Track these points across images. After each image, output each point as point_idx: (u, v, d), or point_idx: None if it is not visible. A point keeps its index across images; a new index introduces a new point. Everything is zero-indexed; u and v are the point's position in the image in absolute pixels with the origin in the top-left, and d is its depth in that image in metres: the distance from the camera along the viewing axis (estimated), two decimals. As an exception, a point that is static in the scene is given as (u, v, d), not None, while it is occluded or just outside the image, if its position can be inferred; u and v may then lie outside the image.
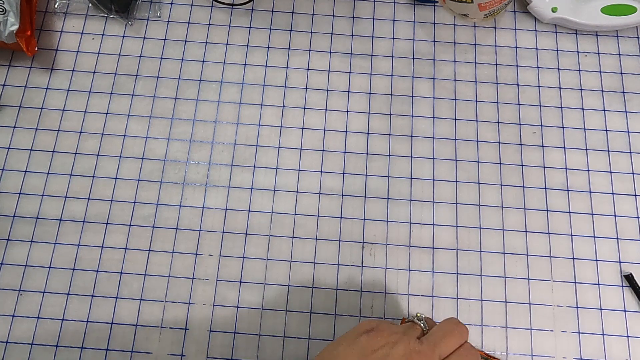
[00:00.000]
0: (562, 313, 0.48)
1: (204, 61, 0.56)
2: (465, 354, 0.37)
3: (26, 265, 0.49)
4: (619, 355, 0.47)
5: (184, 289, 0.48)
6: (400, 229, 0.51)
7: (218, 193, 0.51)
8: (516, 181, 0.52)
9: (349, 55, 0.56)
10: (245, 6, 0.58)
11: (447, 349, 0.36)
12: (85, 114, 0.53)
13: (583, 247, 0.50)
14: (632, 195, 0.52)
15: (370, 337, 0.35)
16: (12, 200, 0.50)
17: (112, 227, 0.50)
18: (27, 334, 0.47)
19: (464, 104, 0.55)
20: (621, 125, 0.54)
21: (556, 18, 0.56)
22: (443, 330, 0.37)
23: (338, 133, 0.54)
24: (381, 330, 0.36)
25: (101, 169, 0.52)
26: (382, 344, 0.34)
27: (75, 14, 0.57)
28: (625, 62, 0.56)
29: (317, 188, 0.52)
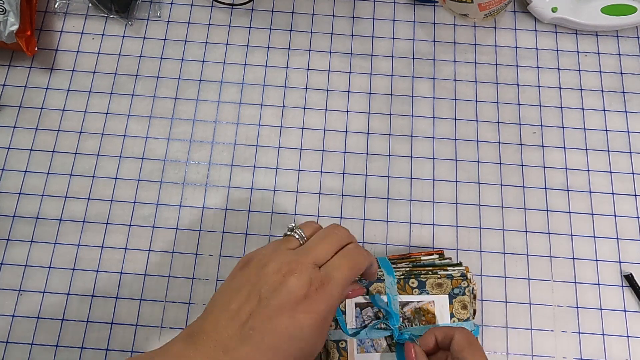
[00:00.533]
0: (562, 313, 0.48)
1: (204, 61, 0.56)
2: (346, 254, 0.34)
3: (26, 265, 0.49)
4: (619, 355, 0.47)
5: (184, 289, 0.48)
6: (400, 229, 0.51)
7: (218, 193, 0.51)
8: (516, 181, 0.52)
9: (349, 55, 0.56)
10: (245, 6, 0.58)
11: (324, 254, 0.33)
12: (85, 114, 0.53)
13: (583, 247, 0.50)
14: (632, 195, 0.52)
15: (243, 270, 0.34)
16: (12, 200, 0.50)
17: (112, 227, 0.50)
18: (27, 334, 0.47)
19: (464, 104, 0.55)
20: (621, 125, 0.54)
21: (556, 18, 0.56)
22: (319, 236, 0.35)
23: (338, 133, 0.54)
24: (252, 258, 0.34)
25: (101, 169, 0.52)
26: (253, 271, 0.33)
27: (75, 14, 0.57)
28: (625, 62, 0.56)
29: (317, 188, 0.52)
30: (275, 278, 0.32)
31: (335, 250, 0.34)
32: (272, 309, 0.31)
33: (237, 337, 0.30)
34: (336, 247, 0.34)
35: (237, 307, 0.31)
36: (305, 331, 0.31)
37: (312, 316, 0.31)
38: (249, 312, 0.31)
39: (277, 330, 0.30)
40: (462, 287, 0.44)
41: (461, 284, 0.44)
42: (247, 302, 0.31)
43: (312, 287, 0.32)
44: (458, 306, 0.44)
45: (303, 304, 0.31)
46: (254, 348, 0.30)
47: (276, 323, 0.30)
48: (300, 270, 0.32)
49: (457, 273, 0.45)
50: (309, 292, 0.31)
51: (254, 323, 0.30)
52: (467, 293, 0.44)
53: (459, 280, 0.44)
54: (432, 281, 0.44)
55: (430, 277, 0.44)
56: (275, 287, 0.31)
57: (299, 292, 0.31)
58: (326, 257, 0.34)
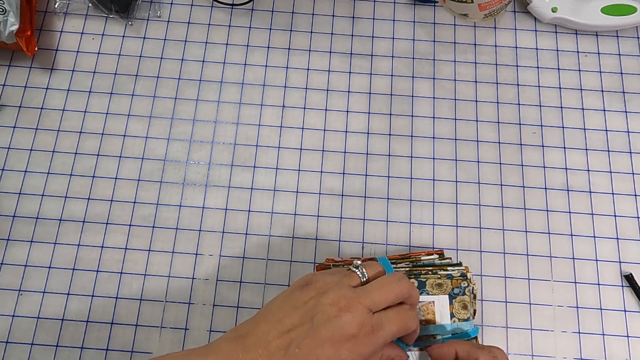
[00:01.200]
0: (562, 313, 0.48)
1: (204, 61, 0.56)
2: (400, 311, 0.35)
3: (26, 265, 0.49)
4: (619, 355, 0.47)
5: (184, 289, 0.48)
6: (400, 229, 0.51)
7: (218, 193, 0.51)
8: (516, 181, 0.52)
9: (349, 55, 0.56)
10: (245, 6, 0.58)
11: (380, 301, 0.35)
12: (85, 114, 0.53)
13: (583, 247, 0.50)
14: (632, 195, 0.52)
15: (302, 290, 0.35)
16: (12, 200, 0.50)
17: (112, 227, 0.50)
18: (27, 334, 0.47)
19: (464, 104, 0.55)
20: (621, 125, 0.54)
21: (556, 18, 0.56)
22: (381, 282, 0.36)
23: (338, 133, 0.54)
24: (314, 282, 0.36)
25: (101, 169, 0.52)
26: (312, 294, 0.35)
27: (75, 14, 0.57)
28: (625, 62, 0.56)
29: (317, 188, 0.52)
30: (331, 310, 0.33)
31: (392, 300, 0.35)
32: (321, 338, 0.32)
33: (283, 351, 0.32)
34: (394, 297, 0.36)
35: (289, 325, 0.33)
36: None
37: (354, 357, 0.33)
38: (299, 333, 0.33)
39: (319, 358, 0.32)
40: (462, 287, 0.44)
41: (461, 283, 0.44)
42: (300, 323, 0.33)
43: (363, 329, 0.33)
44: (458, 306, 0.44)
45: (350, 342, 0.33)
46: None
47: (320, 352, 0.32)
48: (355, 310, 0.33)
49: (457, 273, 0.45)
50: (358, 333, 0.33)
51: (301, 344, 0.32)
52: (467, 293, 0.44)
53: (459, 280, 0.44)
54: (432, 281, 0.44)
55: (430, 277, 0.44)
56: (329, 318, 0.33)
57: (349, 330, 0.33)
58: (383, 304, 0.35)
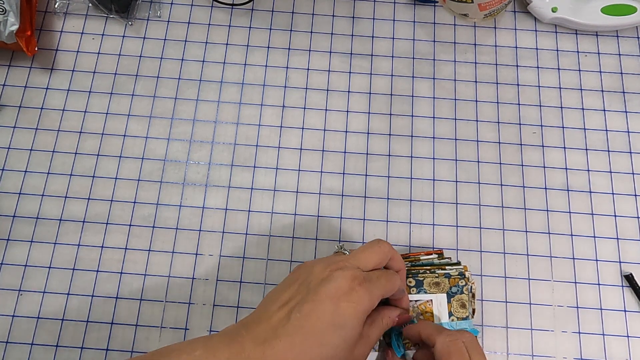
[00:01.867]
0: (562, 313, 0.48)
1: (204, 61, 0.56)
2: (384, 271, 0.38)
3: (26, 265, 0.49)
4: (619, 355, 0.47)
5: (184, 289, 0.48)
6: (400, 229, 0.51)
7: (218, 193, 0.51)
8: (516, 181, 0.52)
9: (349, 55, 0.56)
10: (245, 6, 0.58)
11: (366, 261, 0.37)
12: (85, 114, 0.53)
13: (583, 247, 0.50)
14: (632, 195, 0.52)
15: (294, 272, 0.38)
16: (12, 200, 0.50)
17: (112, 227, 0.50)
18: (27, 334, 0.47)
19: (464, 104, 0.55)
20: (621, 125, 0.54)
21: (556, 18, 0.56)
22: (363, 247, 0.39)
23: (338, 133, 0.54)
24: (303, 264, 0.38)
25: (101, 169, 0.52)
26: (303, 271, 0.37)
27: (75, 14, 0.57)
28: (625, 62, 0.56)
29: (317, 188, 0.52)
30: (323, 273, 0.36)
31: (377, 261, 0.38)
32: (319, 297, 0.34)
33: (285, 319, 0.34)
34: (378, 257, 0.38)
35: (287, 297, 0.35)
36: (347, 320, 0.34)
37: (353, 305, 0.34)
38: (297, 300, 0.35)
39: (322, 317, 0.34)
40: (460, 286, 0.44)
41: (459, 282, 0.44)
42: (297, 293, 0.35)
43: (356, 281, 0.35)
44: (457, 305, 0.44)
45: (347, 294, 0.34)
46: (299, 329, 0.33)
47: (321, 310, 0.34)
48: (345, 267, 0.36)
49: (455, 272, 0.45)
50: (353, 285, 0.35)
51: (302, 308, 0.34)
52: (465, 291, 0.44)
53: (457, 279, 0.44)
54: (429, 280, 0.44)
55: (428, 276, 0.44)
56: (323, 280, 0.35)
57: (343, 284, 0.35)
58: (368, 263, 0.37)
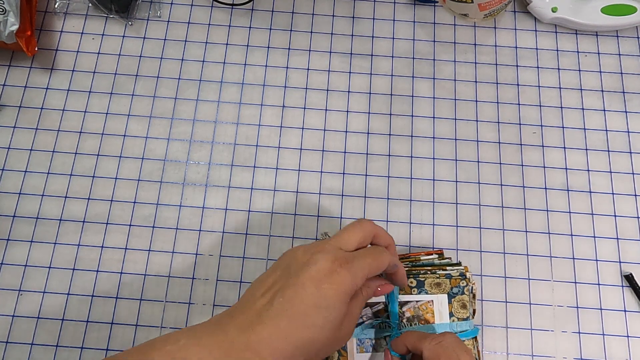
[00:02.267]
0: (562, 313, 0.48)
1: (204, 61, 0.56)
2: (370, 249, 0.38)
3: (26, 265, 0.49)
4: (619, 355, 0.47)
5: (184, 289, 0.48)
6: (400, 229, 0.51)
7: (218, 193, 0.51)
8: (516, 181, 0.52)
9: (349, 55, 0.56)
10: (245, 6, 0.58)
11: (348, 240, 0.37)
12: (85, 114, 0.53)
13: (583, 247, 0.50)
14: (632, 195, 0.52)
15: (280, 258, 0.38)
16: (12, 200, 0.50)
17: (112, 227, 0.50)
18: (27, 334, 0.47)
19: (464, 104, 0.55)
20: (621, 125, 0.54)
21: (556, 18, 0.56)
22: (345, 227, 0.39)
23: (338, 133, 0.54)
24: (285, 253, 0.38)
25: (101, 169, 0.52)
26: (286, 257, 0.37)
27: (75, 14, 0.57)
28: (625, 62, 0.56)
29: (317, 188, 0.52)
30: (305, 257, 0.36)
31: (359, 239, 0.38)
32: (301, 281, 0.34)
33: (269, 305, 0.34)
34: (360, 235, 0.38)
35: (270, 283, 0.35)
36: (330, 301, 0.34)
37: (335, 287, 0.34)
38: (280, 285, 0.35)
39: (305, 299, 0.34)
40: (461, 287, 0.44)
41: (460, 283, 0.44)
42: (280, 278, 0.35)
43: (337, 263, 0.35)
44: (457, 305, 0.44)
45: (329, 276, 0.34)
46: (283, 312, 0.33)
47: (303, 293, 0.34)
48: (326, 249, 0.36)
49: (456, 272, 0.45)
50: (334, 267, 0.35)
51: (284, 293, 0.34)
52: (466, 292, 0.44)
53: (458, 279, 0.44)
54: (430, 281, 0.44)
55: (429, 277, 0.44)
56: (305, 263, 0.35)
57: (324, 266, 0.35)
58: (350, 243, 0.37)
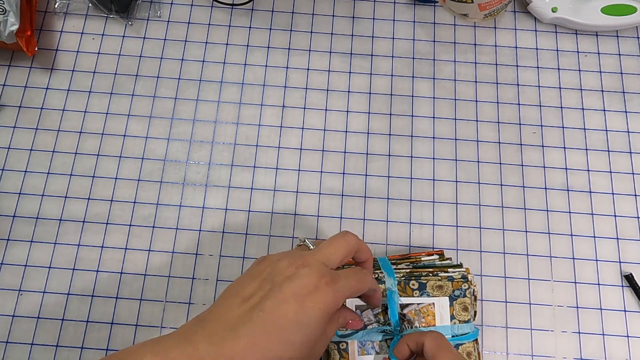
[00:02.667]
0: (562, 313, 0.48)
1: (204, 61, 0.56)
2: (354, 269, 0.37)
3: (26, 265, 0.49)
4: (619, 355, 0.47)
5: (184, 289, 0.48)
6: (400, 229, 0.51)
7: (218, 193, 0.51)
8: (516, 181, 0.52)
9: (349, 55, 0.56)
10: (245, 6, 0.58)
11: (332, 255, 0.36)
12: (85, 114, 0.53)
13: (583, 247, 0.50)
14: (632, 195, 0.52)
15: (258, 264, 0.36)
16: (12, 200, 0.50)
17: (112, 227, 0.50)
18: (27, 334, 0.47)
19: (464, 104, 0.55)
20: (621, 125, 0.54)
21: (556, 18, 0.56)
22: (329, 240, 0.37)
23: (338, 133, 0.54)
24: (268, 256, 0.37)
25: (101, 169, 0.52)
26: (267, 264, 0.35)
27: (75, 14, 0.57)
28: (625, 62, 0.56)
29: (317, 188, 0.52)
30: (289, 270, 0.34)
31: (344, 254, 0.37)
32: (283, 295, 0.32)
33: (246, 317, 0.32)
34: (344, 250, 0.37)
35: (249, 293, 0.34)
36: (311, 320, 0.32)
37: (319, 306, 0.33)
38: (260, 296, 0.33)
39: (286, 315, 0.32)
40: (463, 289, 0.44)
41: (462, 286, 0.44)
42: (259, 289, 0.34)
43: (322, 280, 0.33)
44: (459, 308, 0.44)
45: (312, 294, 0.33)
46: (261, 327, 0.32)
47: (285, 308, 0.32)
48: (312, 264, 0.34)
49: (458, 275, 0.45)
50: (319, 285, 0.33)
51: (264, 305, 0.32)
52: (468, 295, 0.44)
53: (460, 282, 0.44)
54: (432, 283, 0.44)
55: (431, 279, 0.44)
56: (288, 276, 0.33)
57: (309, 282, 0.33)
58: (334, 259, 0.36)
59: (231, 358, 0.30)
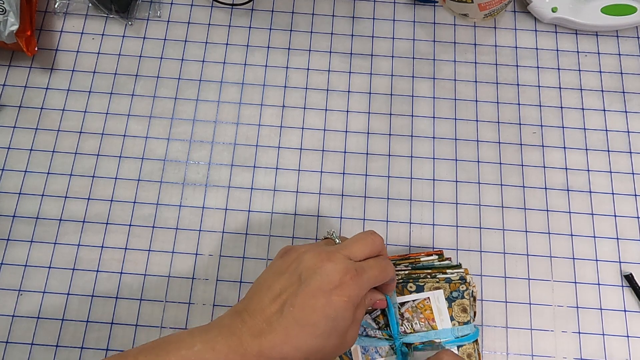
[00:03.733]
0: (562, 313, 0.48)
1: (204, 61, 0.56)
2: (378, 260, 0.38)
3: (26, 265, 0.49)
4: (619, 355, 0.47)
5: (184, 289, 0.48)
6: (400, 229, 0.51)
7: (218, 193, 0.51)
8: (516, 181, 0.52)
9: (349, 55, 0.56)
10: (245, 6, 0.58)
11: (357, 252, 0.37)
12: (85, 114, 0.53)
13: (583, 247, 0.50)
14: (632, 195, 0.52)
15: (283, 258, 0.37)
16: (12, 200, 0.50)
17: (112, 227, 0.50)
18: (27, 334, 0.47)
19: (464, 104, 0.55)
20: (621, 125, 0.54)
21: (556, 18, 0.56)
22: (356, 237, 0.39)
23: (338, 133, 0.54)
24: (292, 249, 0.38)
25: (101, 169, 0.52)
26: (293, 258, 0.37)
27: (75, 14, 0.57)
28: (625, 62, 0.56)
29: (317, 188, 0.52)
30: (314, 263, 0.35)
31: (368, 253, 0.38)
32: (311, 290, 0.34)
33: (280, 312, 0.34)
34: (369, 249, 0.38)
35: (279, 289, 0.35)
36: (339, 312, 0.34)
37: (345, 299, 0.34)
38: (289, 293, 0.35)
39: (315, 309, 0.34)
40: (461, 291, 0.44)
41: (460, 287, 0.44)
42: (288, 284, 0.35)
43: (348, 274, 0.35)
44: (458, 309, 0.44)
45: (338, 288, 0.34)
46: (294, 322, 0.34)
47: (313, 302, 0.34)
48: (337, 259, 0.36)
49: (456, 276, 0.45)
50: (344, 279, 0.35)
51: (294, 301, 0.34)
52: (467, 296, 0.44)
53: (458, 283, 0.44)
54: (430, 285, 0.44)
55: (429, 281, 0.44)
56: (315, 271, 0.35)
57: (334, 277, 0.35)
58: (360, 255, 0.37)
59: (269, 349, 0.33)
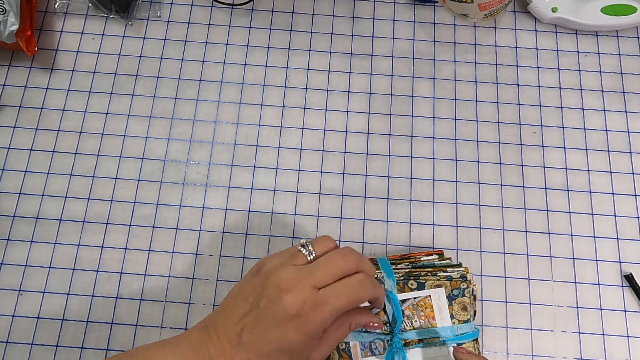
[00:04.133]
0: (562, 313, 0.48)
1: (204, 61, 0.56)
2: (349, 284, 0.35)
3: (26, 265, 0.49)
4: (619, 355, 0.47)
5: (184, 289, 0.48)
6: (400, 229, 0.51)
7: (218, 193, 0.51)
8: (516, 181, 0.52)
9: (349, 55, 0.56)
10: (245, 6, 0.58)
11: (325, 278, 0.35)
12: (85, 114, 0.53)
13: (583, 247, 0.50)
14: (632, 195, 0.52)
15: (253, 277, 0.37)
16: (12, 200, 0.50)
17: (112, 227, 0.50)
18: (27, 334, 0.47)
19: (464, 104, 0.55)
20: (621, 125, 0.54)
21: (556, 18, 0.56)
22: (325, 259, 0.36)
23: (338, 133, 0.54)
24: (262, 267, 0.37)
25: (101, 169, 0.52)
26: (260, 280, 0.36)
27: (75, 14, 0.57)
28: (625, 62, 0.56)
29: (317, 188, 0.52)
30: (274, 293, 0.34)
31: (338, 276, 0.36)
32: (267, 321, 0.34)
33: (240, 337, 0.34)
34: (340, 273, 0.36)
35: (241, 313, 0.35)
36: (293, 345, 0.34)
37: (300, 334, 0.34)
38: (249, 320, 0.35)
39: (270, 341, 0.34)
40: (462, 289, 0.44)
41: (460, 285, 0.44)
42: (249, 310, 0.35)
43: (305, 307, 0.34)
44: (458, 308, 0.44)
45: (294, 321, 0.34)
46: (250, 350, 0.34)
47: (269, 334, 0.34)
48: (297, 289, 0.34)
49: (457, 274, 0.45)
50: (301, 312, 0.34)
51: (252, 330, 0.34)
52: (467, 294, 0.44)
53: (458, 281, 0.44)
54: (431, 282, 0.44)
55: (430, 279, 0.44)
56: (272, 301, 0.34)
57: (291, 309, 0.34)
58: (327, 280, 0.35)
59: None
